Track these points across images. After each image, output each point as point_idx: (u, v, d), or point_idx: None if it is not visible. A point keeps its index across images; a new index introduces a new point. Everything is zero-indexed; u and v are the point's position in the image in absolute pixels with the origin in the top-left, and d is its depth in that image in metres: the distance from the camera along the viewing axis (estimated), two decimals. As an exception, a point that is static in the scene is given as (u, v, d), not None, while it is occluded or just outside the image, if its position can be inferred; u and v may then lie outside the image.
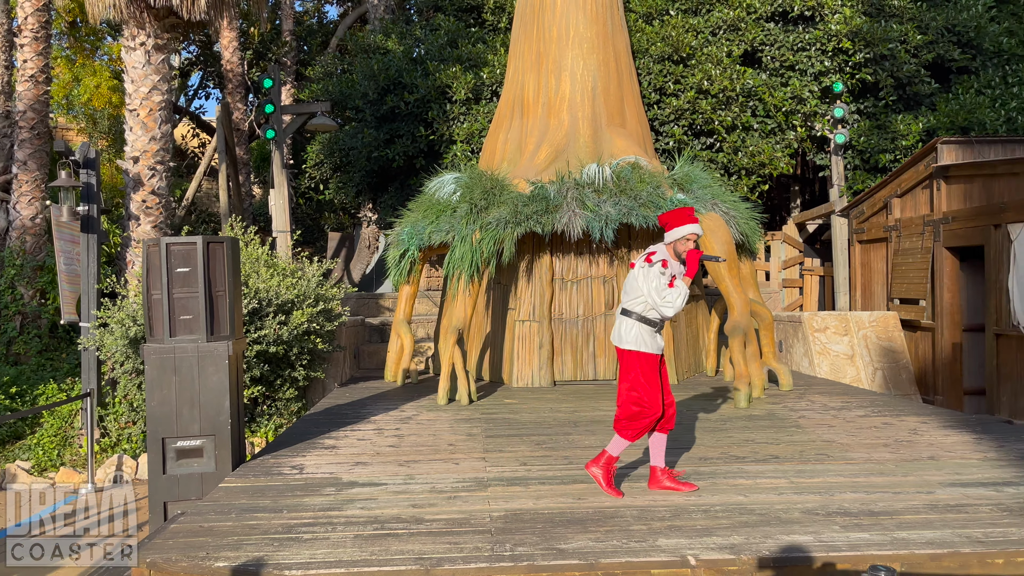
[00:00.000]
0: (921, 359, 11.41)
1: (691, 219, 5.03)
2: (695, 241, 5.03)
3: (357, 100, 15.81)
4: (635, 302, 5.03)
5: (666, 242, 5.08)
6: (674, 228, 5.03)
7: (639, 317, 4.99)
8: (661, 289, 4.89)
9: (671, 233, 5.04)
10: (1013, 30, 15.78)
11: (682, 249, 5.03)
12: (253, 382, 9.12)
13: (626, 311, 5.07)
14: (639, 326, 4.99)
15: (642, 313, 4.99)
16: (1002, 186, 10.22)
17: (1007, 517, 4.38)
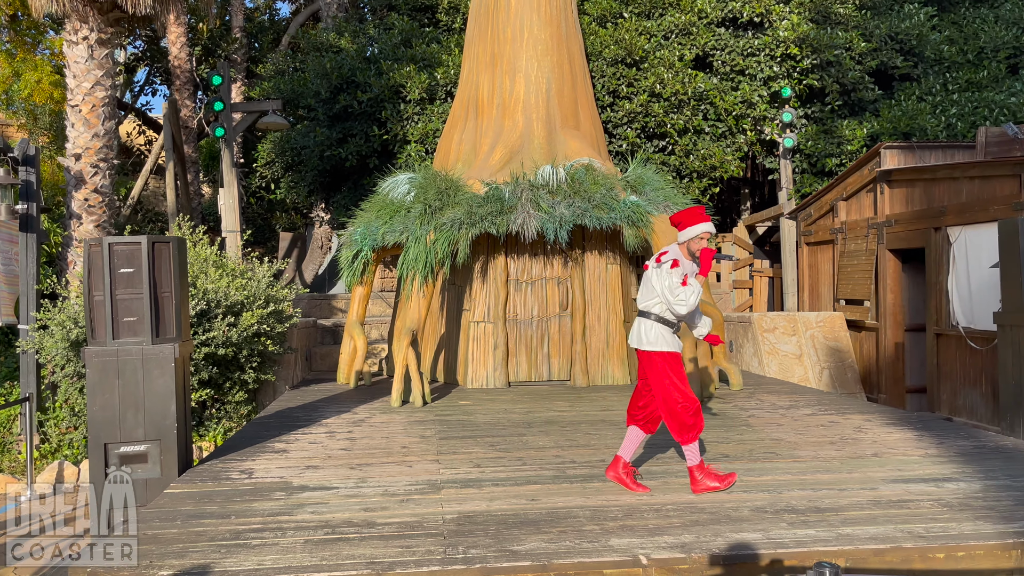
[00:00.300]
0: (866, 358, 11.69)
1: (704, 218, 5.07)
2: (708, 239, 5.08)
3: (309, 99, 15.62)
4: (651, 303, 5.08)
5: (679, 241, 5.12)
6: (687, 227, 5.06)
7: (657, 318, 5.05)
8: (674, 288, 4.92)
9: (685, 232, 5.07)
10: (953, 39, 16.29)
11: (696, 248, 5.07)
12: (201, 385, 8.94)
13: (644, 313, 5.12)
14: (658, 326, 5.04)
15: (660, 314, 5.04)
16: (942, 190, 10.53)
17: (947, 512, 4.51)
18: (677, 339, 5.07)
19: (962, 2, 17.59)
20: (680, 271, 4.94)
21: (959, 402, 9.78)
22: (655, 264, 5.05)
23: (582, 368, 9.72)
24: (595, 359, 9.80)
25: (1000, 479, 5.19)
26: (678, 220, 5.11)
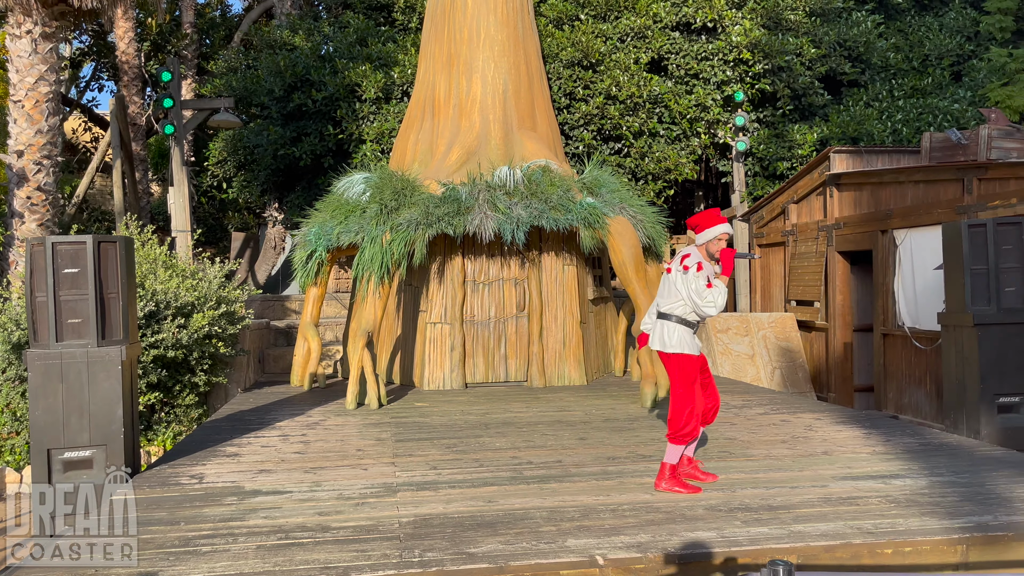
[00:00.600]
0: (816, 358, 11.94)
1: (720, 219, 5.14)
2: (727, 240, 5.15)
3: (262, 96, 15.38)
4: (673, 306, 5.14)
5: (698, 244, 5.19)
6: (705, 230, 5.14)
7: (679, 320, 5.12)
8: (701, 291, 5.00)
9: (703, 235, 5.15)
10: (899, 46, 16.74)
11: (715, 249, 5.14)
12: (149, 388, 8.72)
13: (664, 315, 5.18)
14: (680, 328, 5.11)
15: (682, 316, 5.11)
16: (888, 194, 10.81)
17: (895, 508, 4.62)
18: (697, 341, 5.18)
19: (908, 10, 18.09)
20: (704, 274, 5.03)
21: (905, 400, 10.03)
22: (679, 268, 5.12)
23: (539, 369, 9.73)
24: (552, 360, 9.82)
25: (945, 475, 5.34)
26: (695, 223, 5.20)
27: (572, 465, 5.78)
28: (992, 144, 10.29)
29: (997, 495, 4.83)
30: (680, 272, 5.09)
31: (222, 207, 22.90)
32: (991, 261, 6.97)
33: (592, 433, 6.90)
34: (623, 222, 9.25)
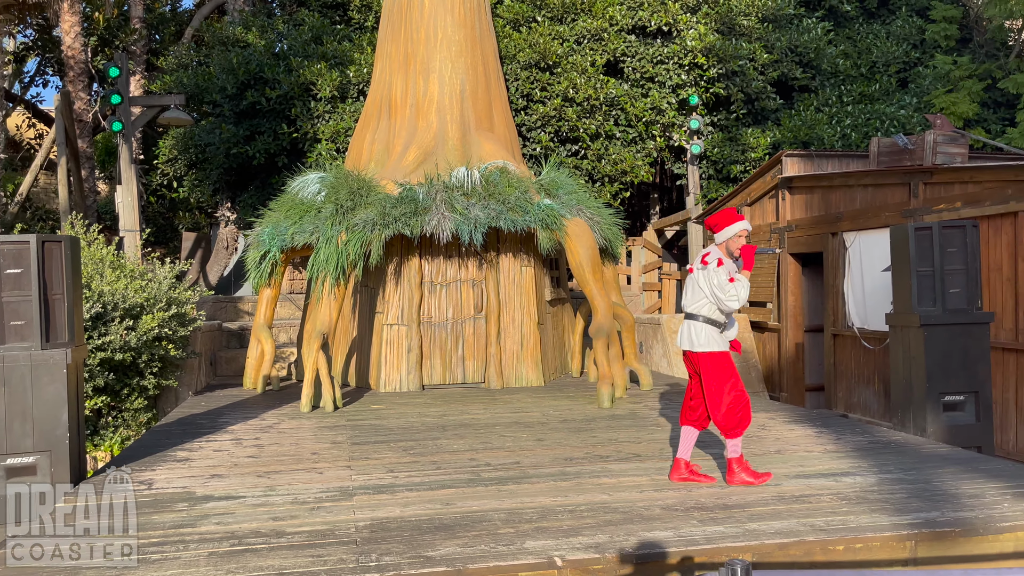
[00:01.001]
0: (768, 358, 12.14)
1: (738, 217, 5.20)
2: (746, 236, 5.21)
3: (215, 94, 15.10)
4: (699, 305, 5.20)
5: (717, 242, 5.24)
6: (724, 228, 5.19)
7: (705, 319, 5.17)
8: (724, 286, 5.05)
9: (722, 233, 5.20)
10: (848, 53, 17.13)
11: (735, 246, 5.19)
12: (96, 392, 8.49)
13: (691, 315, 5.23)
14: (707, 327, 5.17)
15: (708, 315, 5.17)
16: (838, 197, 11.04)
17: (846, 506, 4.71)
18: (723, 338, 5.23)
19: (856, 18, 18.52)
20: (725, 270, 5.09)
21: (854, 399, 10.26)
22: (700, 266, 5.19)
23: (496, 370, 9.72)
24: (509, 361, 9.81)
25: (893, 472, 5.46)
26: (714, 223, 5.25)
27: (530, 466, 5.78)
28: (937, 149, 10.59)
29: (944, 492, 4.95)
30: (701, 270, 5.18)
31: (172, 206, 22.43)
32: (937, 263, 7.16)
33: (550, 434, 6.91)
34: (580, 224, 9.29)
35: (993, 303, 8.35)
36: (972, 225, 7.25)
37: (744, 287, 5.06)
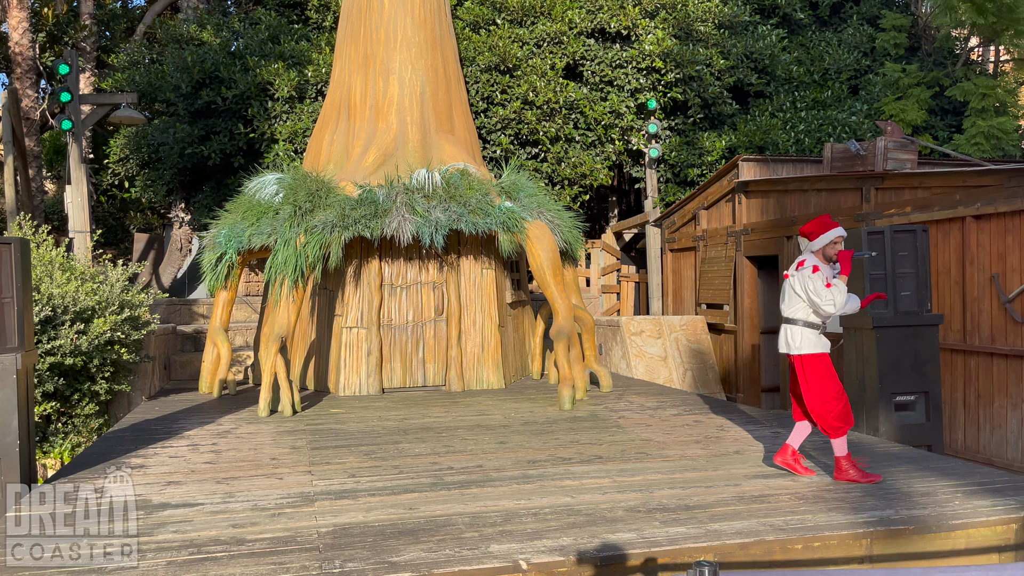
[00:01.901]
0: (725, 359, 12.31)
1: (833, 224, 5.38)
2: (842, 242, 5.38)
3: (168, 93, 14.81)
4: (795, 309, 5.41)
5: (813, 249, 5.43)
6: (820, 235, 5.38)
7: (804, 323, 5.37)
8: (820, 290, 5.23)
9: (818, 240, 5.39)
10: (801, 60, 17.48)
11: (832, 252, 5.38)
12: (45, 397, 8.25)
13: (789, 319, 5.45)
14: (804, 331, 5.37)
15: (805, 319, 5.37)
16: (793, 201, 11.25)
17: (804, 505, 4.79)
18: (824, 339, 5.41)
19: (809, 26, 18.91)
20: (821, 275, 5.28)
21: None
22: (795, 272, 5.40)
23: (457, 373, 9.69)
24: (470, 364, 9.79)
25: (846, 471, 5.57)
26: (810, 230, 5.44)
27: (493, 469, 5.77)
28: (888, 155, 10.86)
29: (897, 490, 5.08)
30: (796, 275, 5.38)
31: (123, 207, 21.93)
32: (888, 267, 7.34)
33: (512, 437, 6.92)
34: (541, 226, 9.31)
35: (942, 305, 8.59)
36: (922, 229, 7.45)
37: (841, 292, 5.26)
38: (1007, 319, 7.86)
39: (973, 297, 8.23)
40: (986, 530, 4.43)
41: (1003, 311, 7.90)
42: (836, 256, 5.43)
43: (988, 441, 8.10)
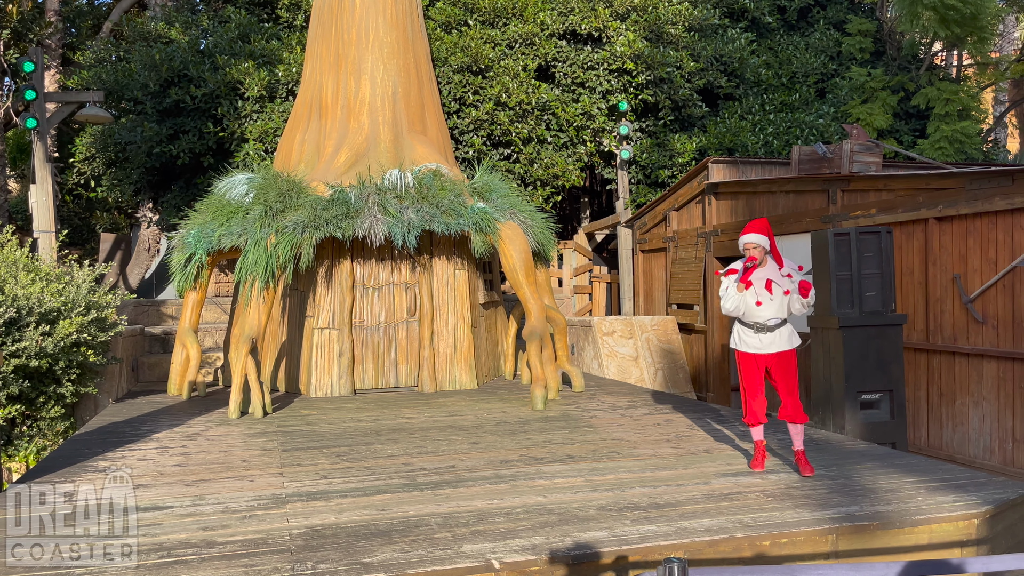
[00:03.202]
0: (695, 359, 12.44)
1: (750, 230, 5.56)
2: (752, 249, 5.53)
3: (136, 91, 14.62)
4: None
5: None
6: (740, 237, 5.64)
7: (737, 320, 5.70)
8: (721, 291, 5.65)
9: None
10: (770, 63, 17.70)
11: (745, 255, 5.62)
12: (10, 400, 8.10)
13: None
14: (735, 325, 5.74)
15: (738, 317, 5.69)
16: (762, 203, 11.41)
17: (772, 502, 4.87)
18: (742, 337, 5.66)
19: (777, 30, 19.15)
20: (730, 278, 5.62)
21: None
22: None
23: (430, 374, 9.69)
24: (443, 364, 9.80)
25: (815, 469, 5.68)
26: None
27: (465, 470, 5.79)
28: (854, 158, 11.05)
29: (862, 487, 5.18)
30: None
31: (89, 206, 21.59)
32: (854, 267, 7.48)
33: (484, 437, 6.94)
34: (513, 227, 9.34)
35: (906, 306, 8.77)
36: (887, 231, 7.60)
37: (725, 297, 5.59)
38: (968, 319, 8.04)
39: (936, 297, 8.41)
40: (948, 525, 4.54)
41: (965, 311, 8.08)
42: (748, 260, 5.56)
43: (951, 438, 8.28)
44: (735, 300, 5.55)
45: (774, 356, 5.64)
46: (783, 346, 5.63)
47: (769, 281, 5.54)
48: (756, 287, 5.54)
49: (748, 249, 5.56)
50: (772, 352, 5.62)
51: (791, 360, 5.69)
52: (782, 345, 5.63)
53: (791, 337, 5.67)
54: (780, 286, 5.55)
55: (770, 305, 5.54)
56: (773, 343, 5.61)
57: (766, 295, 5.53)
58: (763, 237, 5.55)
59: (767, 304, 5.54)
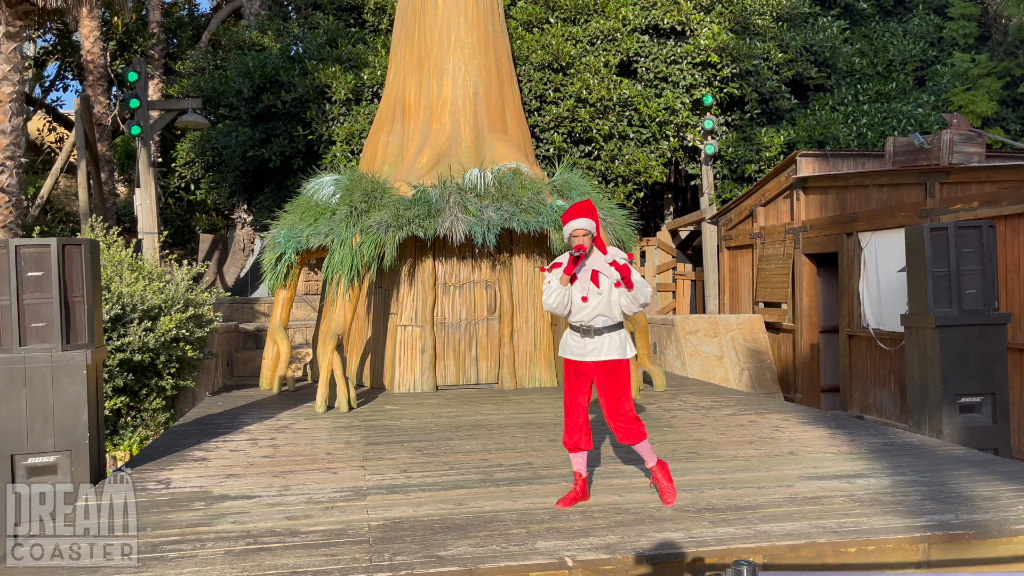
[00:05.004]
0: (783, 359, 12.09)
1: (573, 214, 4.76)
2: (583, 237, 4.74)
3: (231, 97, 15.24)
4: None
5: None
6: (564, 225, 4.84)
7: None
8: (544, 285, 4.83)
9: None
10: (864, 51, 17.02)
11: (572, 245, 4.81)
12: (116, 392, 8.60)
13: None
14: (566, 331, 4.95)
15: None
16: (853, 197, 10.99)
17: (859, 507, 4.70)
18: (580, 345, 4.79)
19: (872, 16, 18.40)
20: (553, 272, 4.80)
21: (870, 401, 10.21)
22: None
23: (510, 371, 9.75)
24: (522, 362, 9.84)
25: (907, 475, 5.44)
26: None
27: (542, 467, 5.80)
28: (954, 149, 10.51)
29: (958, 494, 4.93)
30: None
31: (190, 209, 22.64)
32: (952, 264, 7.11)
33: (562, 435, 6.92)
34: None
35: (1010, 304, 8.29)
36: (989, 225, 7.20)
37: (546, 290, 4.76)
38: (1080, 318, 7.54)
39: (1044, 295, 7.92)
40: (1052, 536, 4.27)
41: (1076, 310, 7.58)
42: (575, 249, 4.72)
43: (1060, 445, 7.79)
44: (557, 295, 4.71)
45: (598, 366, 4.75)
46: (611, 355, 4.73)
47: (595, 272, 4.73)
48: (582, 281, 4.75)
49: (576, 236, 4.72)
50: (596, 361, 4.74)
51: (618, 372, 4.77)
52: (610, 354, 4.74)
53: (623, 346, 4.79)
54: (609, 278, 4.70)
55: (598, 300, 4.71)
56: (599, 350, 4.74)
57: (593, 289, 4.72)
58: (591, 221, 4.71)
59: (594, 299, 4.71)
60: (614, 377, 4.76)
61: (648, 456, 4.92)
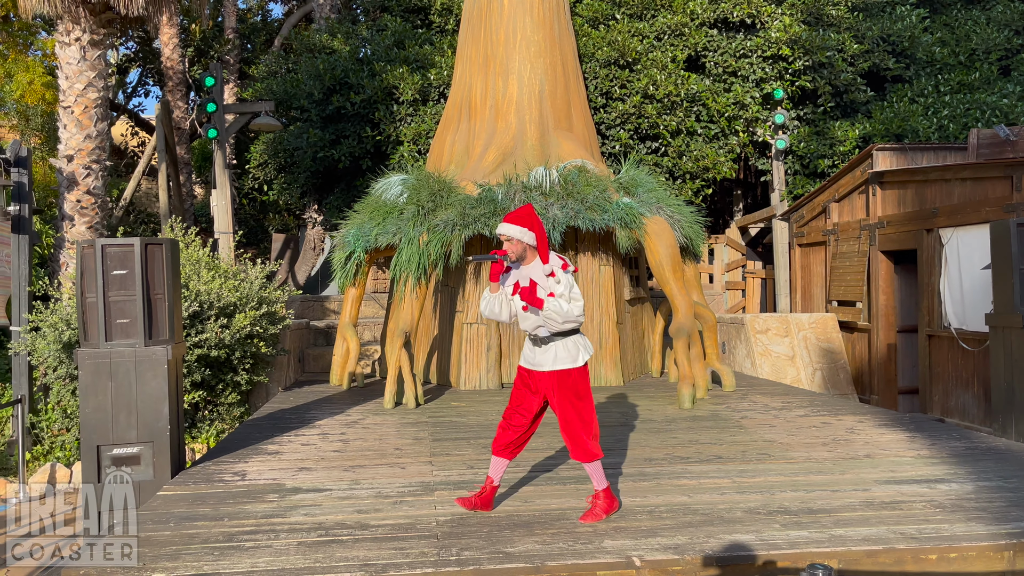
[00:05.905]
0: (858, 359, 11.73)
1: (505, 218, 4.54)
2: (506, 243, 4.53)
3: (302, 100, 15.60)
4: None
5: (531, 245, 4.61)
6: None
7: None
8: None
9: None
10: (945, 40, 16.37)
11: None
12: (194, 387, 8.91)
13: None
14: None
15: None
16: (934, 192, 10.58)
17: (940, 514, 4.53)
18: (531, 353, 4.60)
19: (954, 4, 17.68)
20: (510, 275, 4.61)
21: (951, 403, 9.82)
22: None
23: (575, 369, 9.71)
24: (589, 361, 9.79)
25: (992, 480, 5.22)
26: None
27: (608, 466, 5.76)
28: (1042, 140, 10.02)
29: (1047, 501, 4.71)
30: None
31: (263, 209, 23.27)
32: (1040, 260, 6.79)
33: (628, 435, 6.88)
34: (660, 222, 9.20)
35: (1105, 302, 7.84)
36: (1080, 220, 6.84)
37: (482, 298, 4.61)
38: None
39: None
40: None
41: None
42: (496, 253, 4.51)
43: None
44: (487, 302, 4.55)
45: (549, 377, 4.51)
46: (560, 364, 4.47)
47: (533, 283, 4.46)
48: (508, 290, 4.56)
49: (503, 242, 4.53)
50: (544, 371, 4.51)
51: (568, 382, 4.50)
52: (562, 363, 4.48)
53: (575, 353, 4.51)
54: (544, 288, 4.43)
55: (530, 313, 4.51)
56: (549, 360, 4.49)
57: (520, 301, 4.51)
58: (519, 228, 4.43)
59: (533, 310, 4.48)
60: (565, 387, 4.51)
61: (597, 480, 4.56)
